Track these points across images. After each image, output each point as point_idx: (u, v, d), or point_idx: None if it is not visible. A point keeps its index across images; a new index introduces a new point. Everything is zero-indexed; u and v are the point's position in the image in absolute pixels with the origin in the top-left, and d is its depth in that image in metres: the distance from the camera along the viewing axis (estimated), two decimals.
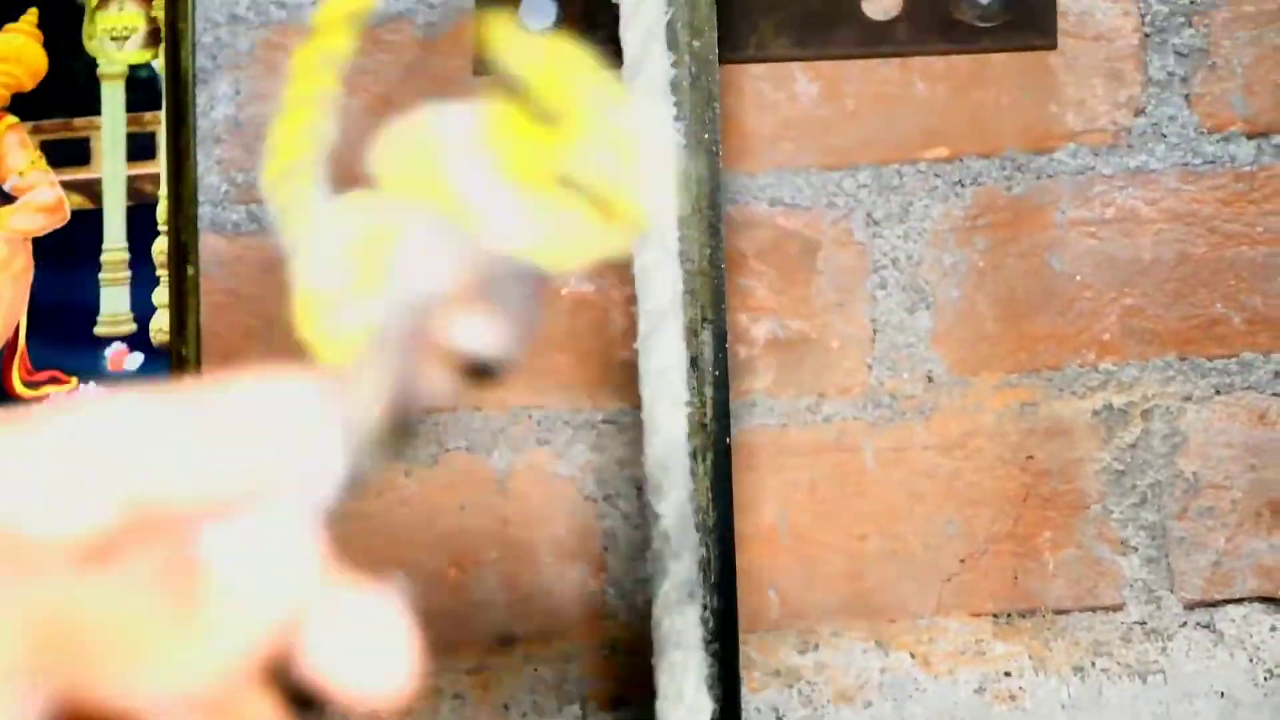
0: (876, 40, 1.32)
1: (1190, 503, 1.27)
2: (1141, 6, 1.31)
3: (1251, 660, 1.28)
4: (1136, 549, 1.27)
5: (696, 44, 1.00)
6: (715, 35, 0.99)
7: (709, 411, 0.97)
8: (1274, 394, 1.27)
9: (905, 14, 1.32)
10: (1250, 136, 1.29)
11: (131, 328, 1.29)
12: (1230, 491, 1.27)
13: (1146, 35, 1.31)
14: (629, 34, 0.93)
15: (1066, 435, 1.28)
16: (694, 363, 0.97)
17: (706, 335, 0.99)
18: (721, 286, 1.01)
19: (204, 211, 1.34)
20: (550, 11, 1.34)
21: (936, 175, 1.31)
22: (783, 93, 1.31)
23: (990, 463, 1.28)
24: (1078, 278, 1.29)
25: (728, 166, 1.11)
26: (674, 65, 0.98)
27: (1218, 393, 1.27)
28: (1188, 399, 1.27)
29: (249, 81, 1.37)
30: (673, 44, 0.99)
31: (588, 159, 0.33)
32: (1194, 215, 1.29)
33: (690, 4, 0.98)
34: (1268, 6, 1.31)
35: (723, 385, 0.99)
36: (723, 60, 1.02)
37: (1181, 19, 1.31)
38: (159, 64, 1.32)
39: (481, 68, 1.34)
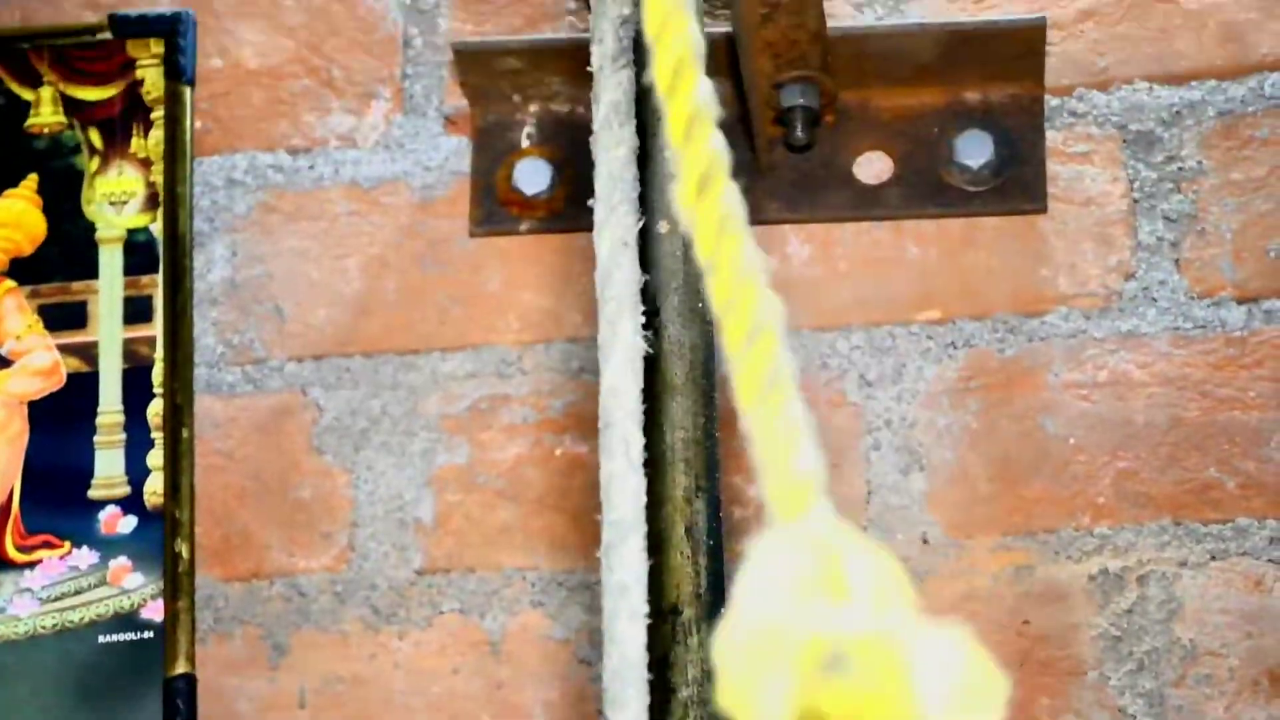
0: (868, 204, 1.33)
1: (1188, 670, 1.26)
2: (1130, 172, 1.33)
3: None
4: (1135, 717, 1.26)
5: None
6: None
7: (703, 582, 0.96)
8: (1270, 560, 1.27)
9: (897, 178, 1.33)
10: (1240, 301, 1.30)
11: (125, 490, 1.29)
12: (1228, 659, 1.26)
13: (1136, 200, 1.32)
14: (600, 242, 0.93)
15: (1063, 600, 1.27)
16: (689, 532, 0.97)
17: (700, 504, 0.98)
18: (715, 455, 1.01)
19: (199, 373, 1.34)
20: (545, 178, 1.35)
21: (929, 337, 1.31)
22: (775, 255, 1.32)
23: (986, 627, 1.28)
24: (1071, 440, 1.29)
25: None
26: (668, 233, 0.99)
27: (1213, 558, 1.27)
28: (1183, 564, 1.27)
29: (245, 244, 1.38)
30: (665, 212, 1.00)
31: None
32: (1186, 379, 1.29)
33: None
34: (1255, 174, 1.32)
35: (717, 555, 0.98)
36: None
37: (1170, 185, 1.32)
38: (157, 228, 1.33)
39: (477, 229, 1.35)
